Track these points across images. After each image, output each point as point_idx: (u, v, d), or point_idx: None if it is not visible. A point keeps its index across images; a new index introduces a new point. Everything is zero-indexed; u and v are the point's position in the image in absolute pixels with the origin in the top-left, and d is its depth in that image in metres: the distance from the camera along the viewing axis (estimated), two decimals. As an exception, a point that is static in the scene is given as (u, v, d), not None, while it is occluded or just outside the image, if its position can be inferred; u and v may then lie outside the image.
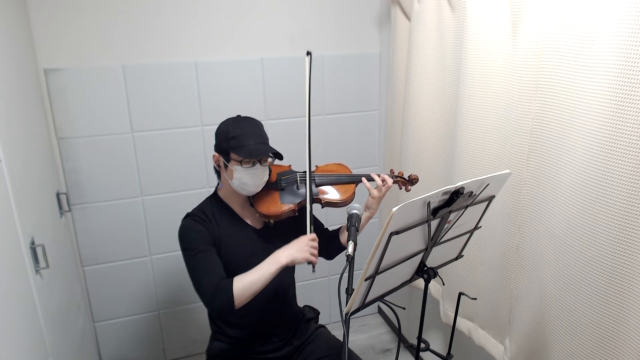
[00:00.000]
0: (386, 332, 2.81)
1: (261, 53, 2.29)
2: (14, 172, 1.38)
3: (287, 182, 1.65)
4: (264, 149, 1.52)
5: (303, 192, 1.63)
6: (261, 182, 1.57)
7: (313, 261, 1.47)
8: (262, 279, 1.44)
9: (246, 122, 1.57)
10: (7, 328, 1.17)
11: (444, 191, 1.10)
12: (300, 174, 1.68)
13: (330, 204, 1.65)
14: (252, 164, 1.50)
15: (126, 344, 2.45)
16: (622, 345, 1.20)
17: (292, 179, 1.66)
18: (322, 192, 1.66)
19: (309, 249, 1.47)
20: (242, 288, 1.43)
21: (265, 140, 1.55)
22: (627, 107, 1.10)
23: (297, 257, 1.46)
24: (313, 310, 1.84)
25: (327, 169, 1.73)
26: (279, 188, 1.64)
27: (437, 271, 1.33)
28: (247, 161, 1.50)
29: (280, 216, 1.58)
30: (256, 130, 1.55)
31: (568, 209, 1.31)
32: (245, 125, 1.55)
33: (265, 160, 1.54)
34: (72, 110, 2.08)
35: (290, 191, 1.64)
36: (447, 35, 1.81)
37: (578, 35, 1.23)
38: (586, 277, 1.26)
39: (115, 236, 2.28)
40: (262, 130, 1.57)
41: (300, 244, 1.48)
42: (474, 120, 1.66)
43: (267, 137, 1.57)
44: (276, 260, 1.45)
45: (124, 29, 2.07)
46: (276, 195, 1.62)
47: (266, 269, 1.45)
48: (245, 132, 1.52)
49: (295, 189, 1.64)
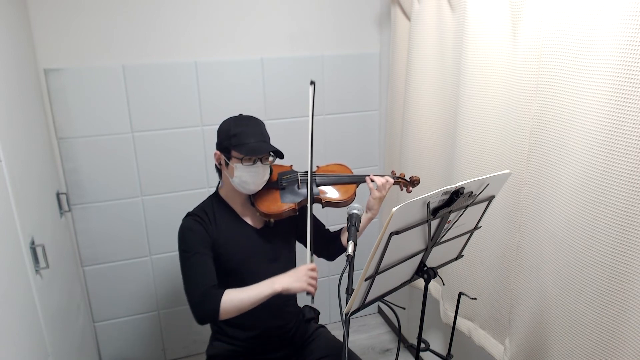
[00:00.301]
0: (386, 332, 2.81)
1: (261, 53, 2.29)
2: (14, 172, 1.38)
3: (288, 181, 1.65)
4: (265, 147, 1.52)
5: (304, 192, 1.63)
6: (262, 181, 1.57)
7: (311, 291, 1.45)
8: (253, 300, 1.43)
9: (248, 120, 1.57)
10: (7, 328, 1.17)
11: (444, 191, 1.10)
12: (302, 173, 1.68)
13: (331, 203, 1.65)
14: (253, 162, 1.51)
15: (126, 344, 2.45)
16: (622, 345, 1.20)
17: (293, 178, 1.66)
18: (323, 192, 1.66)
19: (307, 279, 1.45)
20: (230, 303, 1.43)
21: (266, 139, 1.56)
22: (627, 107, 1.10)
23: (293, 286, 1.44)
24: (313, 310, 1.83)
25: (328, 169, 1.74)
26: (280, 187, 1.64)
27: (437, 271, 1.33)
28: (247, 159, 1.50)
29: (281, 215, 1.58)
30: (258, 128, 1.56)
31: (568, 209, 1.30)
32: (247, 123, 1.56)
33: (266, 159, 1.55)
34: (72, 110, 2.08)
35: (291, 190, 1.64)
36: (447, 35, 1.81)
37: (578, 35, 1.23)
38: (586, 277, 1.26)
39: (115, 236, 2.28)
40: (264, 129, 1.58)
41: (298, 273, 1.46)
42: (474, 120, 1.66)
43: (268, 136, 1.57)
44: (271, 285, 1.44)
45: (124, 29, 2.07)
46: (277, 195, 1.62)
47: (259, 291, 1.44)
48: (247, 130, 1.53)
49: (296, 189, 1.64)
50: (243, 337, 1.65)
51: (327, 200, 1.64)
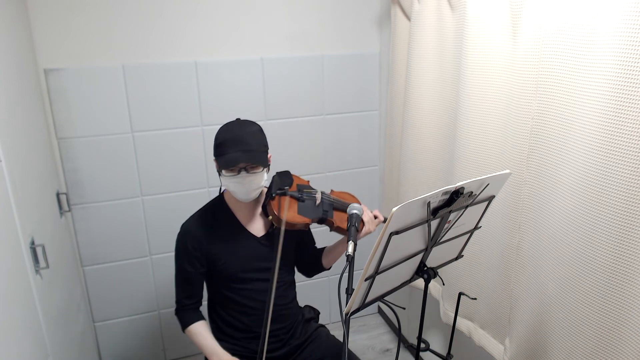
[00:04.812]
0: (386, 332, 2.80)
1: (261, 53, 2.29)
2: (14, 172, 1.38)
3: (308, 195, 1.62)
4: (241, 158, 1.44)
5: (321, 210, 1.59)
6: (250, 190, 1.50)
7: None
8: (202, 350, 1.59)
9: (234, 127, 1.49)
10: (7, 328, 1.16)
11: (444, 191, 1.10)
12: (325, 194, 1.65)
13: (340, 230, 1.62)
14: (237, 172, 1.45)
15: (126, 344, 2.45)
16: (622, 345, 1.20)
17: (313, 193, 1.63)
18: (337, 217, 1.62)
19: None
20: (191, 335, 1.61)
21: (249, 147, 1.46)
22: (627, 107, 1.10)
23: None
24: (313, 310, 1.84)
25: (341, 195, 1.70)
26: (300, 199, 1.59)
27: (437, 271, 1.33)
28: (227, 169, 1.46)
29: (294, 226, 1.53)
30: (243, 137, 1.46)
31: (568, 209, 1.30)
32: (232, 130, 1.48)
33: (252, 168, 1.47)
34: (72, 110, 2.08)
35: (310, 205, 1.60)
36: (447, 35, 1.81)
37: (578, 35, 1.23)
38: (586, 277, 1.26)
39: (115, 236, 2.28)
40: (250, 137, 1.48)
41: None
42: (474, 120, 1.66)
43: (255, 144, 1.48)
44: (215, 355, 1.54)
45: (124, 29, 2.07)
46: (295, 205, 1.58)
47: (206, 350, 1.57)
48: (228, 139, 1.46)
49: (314, 205, 1.60)
50: (242, 337, 1.65)
51: (338, 226, 1.61)
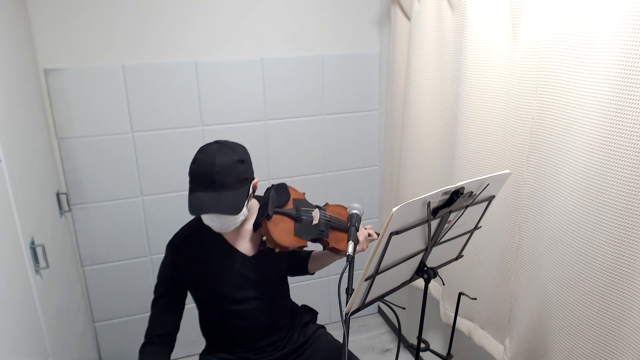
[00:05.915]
0: (386, 332, 2.80)
1: (261, 53, 2.29)
2: (14, 172, 1.38)
3: (305, 214, 1.53)
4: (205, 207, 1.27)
5: (317, 231, 1.50)
6: (227, 227, 1.39)
7: None
8: None
9: (208, 157, 1.31)
10: (7, 328, 1.17)
11: (444, 191, 1.10)
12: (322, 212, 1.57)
13: (335, 250, 1.55)
14: None
15: (126, 344, 2.45)
16: (622, 345, 1.20)
17: (310, 212, 1.54)
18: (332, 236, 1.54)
19: None
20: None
21: (222, 188, 1.29)
22: (627, 107, 1.10)
23: None
24: (311, 311, 1.80)
25: (336, 211, 1.63)
26: (296, 219, 1.49)
27: (437, 271, 1.33)
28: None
29: (287, 248, 1.43)
30: (215, 172, 1.29)
31: (568, 209, 1.31)
32: (205, 164, 1.30)
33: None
34: (72, 110, 2.08)
35: (306, 225, 1.50)
36: (447, 35, 1.81)
37: (578, 35, 1.23)
38: (586, 277, 1.26)
39: (115, 236, 2.28)
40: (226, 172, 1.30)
41: None
42: (474, 120, 1.66)
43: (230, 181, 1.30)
44: None
45: (124, 29, 2.07)
46: (291, 226, 1.47)
47: None
48: (200, 174, 1.30)
49: (310, 224, 1.51)
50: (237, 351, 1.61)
51: (333, 247, 1.54)
